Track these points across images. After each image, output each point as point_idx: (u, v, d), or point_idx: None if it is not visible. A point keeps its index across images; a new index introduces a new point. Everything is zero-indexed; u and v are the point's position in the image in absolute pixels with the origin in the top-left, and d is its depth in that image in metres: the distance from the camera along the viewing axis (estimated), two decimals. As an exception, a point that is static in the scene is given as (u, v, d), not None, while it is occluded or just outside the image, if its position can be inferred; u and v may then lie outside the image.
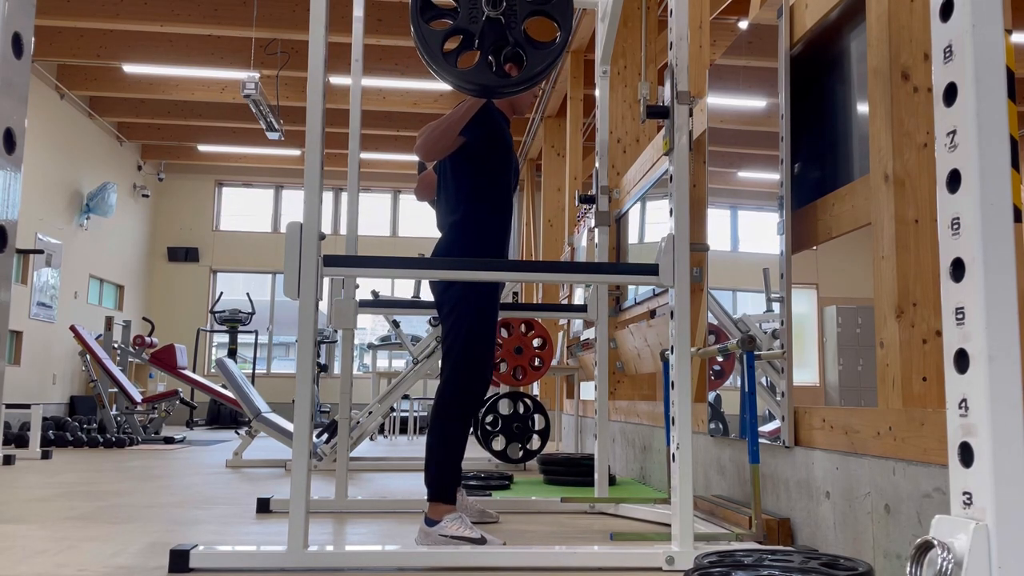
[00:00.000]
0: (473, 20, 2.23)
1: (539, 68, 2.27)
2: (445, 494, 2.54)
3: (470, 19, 2.23)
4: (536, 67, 2.27)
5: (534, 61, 2.27)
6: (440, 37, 2.23)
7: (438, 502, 2.53)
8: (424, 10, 2.23)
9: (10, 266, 1.06)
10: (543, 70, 2.27)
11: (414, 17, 2.22)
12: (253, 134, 11.44)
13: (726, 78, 3.45)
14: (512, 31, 2.24)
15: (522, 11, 2.26)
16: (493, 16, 2.22)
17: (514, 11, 2.25)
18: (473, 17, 2.23)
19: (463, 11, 2.24)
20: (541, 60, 2.27)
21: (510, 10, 2.24)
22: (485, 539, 2.42)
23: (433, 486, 2.55)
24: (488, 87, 2.29)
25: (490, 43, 2.24)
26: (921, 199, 2.05)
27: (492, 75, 2.28)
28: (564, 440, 6.98)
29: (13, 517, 3.01)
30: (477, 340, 2.63)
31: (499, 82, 2.30)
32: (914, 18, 2.12)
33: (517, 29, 2.25)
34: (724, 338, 3.17)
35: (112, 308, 11.89)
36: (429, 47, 2.21)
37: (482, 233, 2.71)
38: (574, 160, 7.95)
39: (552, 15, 2.29)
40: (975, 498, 1.10)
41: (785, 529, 2.44)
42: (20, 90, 1.07)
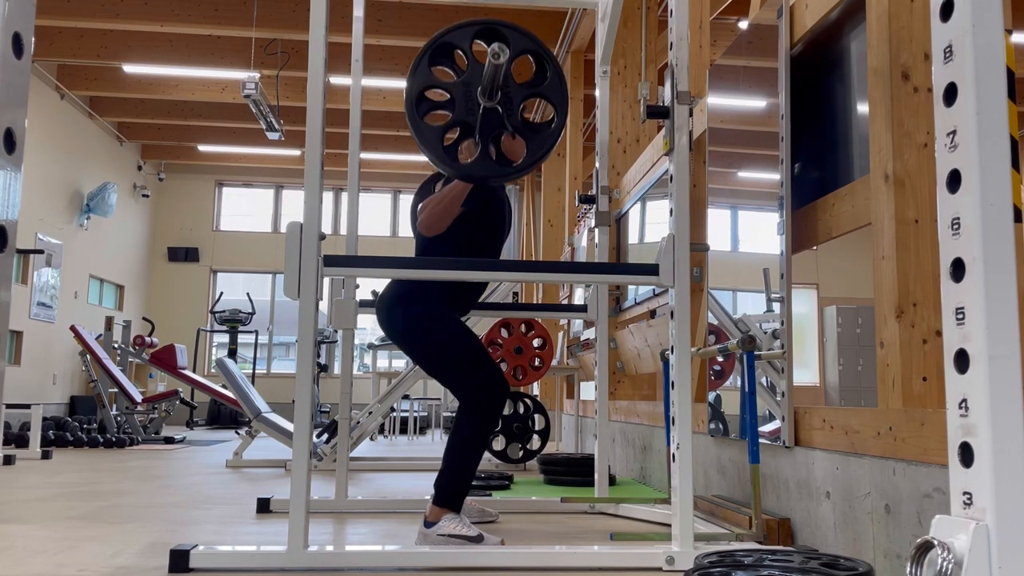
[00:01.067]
0: (470, 112, 2.22)
1: (540, 153, 2.27)
2: (453, 502, 2.53)
3: (467, 111, 2.23)
4: (537, 152, 2.27)
5: (535, 146, 2.27)
6: (439, 133, 2.22)
7: (444, 508, 2.52)
8: (419, 104, 2.22)
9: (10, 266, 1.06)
10: (544, 154, 2.27)
11: (410, 113, 2.21)
12: (253, 134, 11.44)
13: (726, 78, 3.45)
14: (510, 118, 2.24)
15: (517, 97, 2.26)
16: (489, 107, 2.22)
17: (510, 99, 2.25)
18: (470, 109, 2.23)
19: (459, 104, 2.23)
20: (541, 145, 2.27)
21: (506, 98, 2.24)
22: (483, 537, 2.42)
23: (444, 492, 2.54)
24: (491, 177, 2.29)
25: (488, 133, 2.23)
26: (921, 199, 2.05)
27: (493, 165, 2.27)
28: (564, 440, 6.98)
29: (13, 517, 3.01)
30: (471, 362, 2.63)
31: (501, 171, 2.28)
32: (914, 18, 2.12)
33: (514, 116, 2.25)
34: (724, 338, 3.17)
35: (112, 308, 11.89)
36: (429, 143, 2.21)
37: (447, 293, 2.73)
38: (574, 160, 7.95)
39: (548, 97, 2.29)
40: (975, 498, 1.10)
41: (785, 529, 2.44)
42: (20, 90, 1.07)
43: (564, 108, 2.28)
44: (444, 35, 2.25)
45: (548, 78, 2.30)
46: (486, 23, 2.28)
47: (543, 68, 2.31)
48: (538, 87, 2.31)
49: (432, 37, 2.26)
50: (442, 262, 2.47)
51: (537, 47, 2.30)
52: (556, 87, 2.29)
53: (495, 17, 2.36)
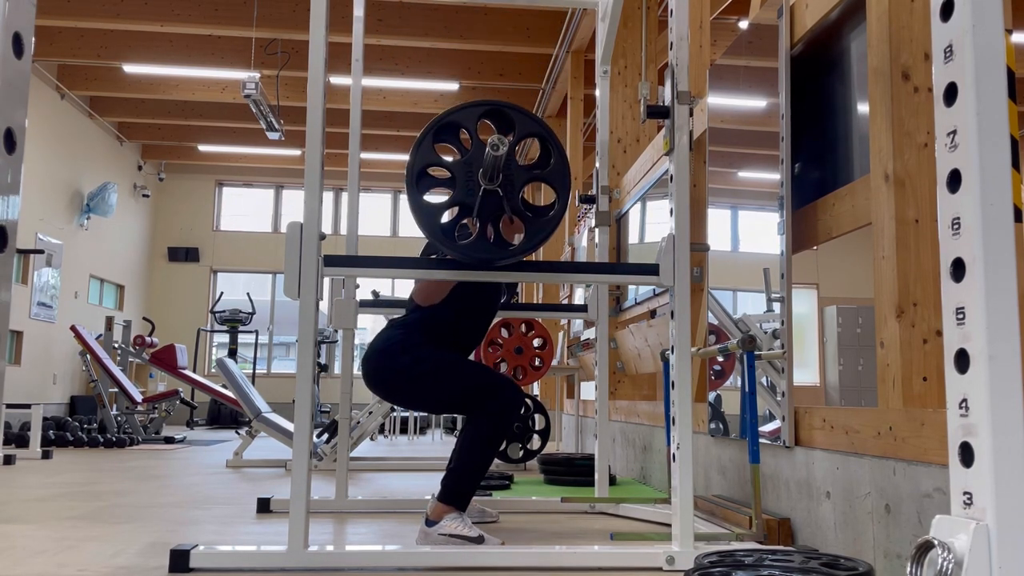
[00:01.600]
0: (470, 193, 2.20)
1: (539, 238, 2.25)
2: (459, 502, 2.53)
3: (467, 192, 2.20)
4: (536, 237, 2.24)
5: (533, 231, 2.24)
6: (438, 212, 2.20)
7: (448, 505, 2.52)
8: (420, 180, 2.20)
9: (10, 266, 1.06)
10: (541, 240, 2.25)
11: (410, 190, 2.20)
12: (253, 134, 11.44)
13: (726, 78, 3.45)
14: (510, 201, 2.22)
15: (519, 181, 2.24)
16: (490, 189, 2.19)
17: (511, 182, 2.22)
18: (470, 189, 2.20)
19: (459, 183, 2.21)
20: (540, 229, 2.25)
21: (507, 181, 2.21)
22: (484, 538, 2.42)
23: (451, 490, 2.53)
24: (487, 260, 2.26)
25: (488, 215, 2.22)
26: (921, 199, 2.05)
27: (490, 247, 2.24)
28: (564, 440, 6.97)
29: (13, 517, 3.01)
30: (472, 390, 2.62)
31: (498, 255, 2.25)
32: (914, 18, 2.12)
33: (515, 199, 2.23)
34: (724, 338, 3.17)
35: (112, 308, 11.89)
36: (427, 222, 2.19)
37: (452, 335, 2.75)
38: (574, 160, 7.94)
39: (549, 182, 2.26)
40: (975, 498, 1.10)
41: (785, 529, 2.44)
42: (20, 90, 1.07)
43: (566, 194, 2.25)
44: (450, 114, 2.23)
45: (552, 163, 2.26)
46: (493, 105, 2.27)
47: (547, 152, 2.27)
48: (541, 170, 2.28)
49: (438, 116, 2.24)
50: (443, 262, 2.46)
51: (542, 131, 2.28)
52: (559, 172, 2.26)
53: (496, 17, 2.35)
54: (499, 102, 2.28)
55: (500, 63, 8.96)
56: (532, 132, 2.28)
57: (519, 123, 2.25)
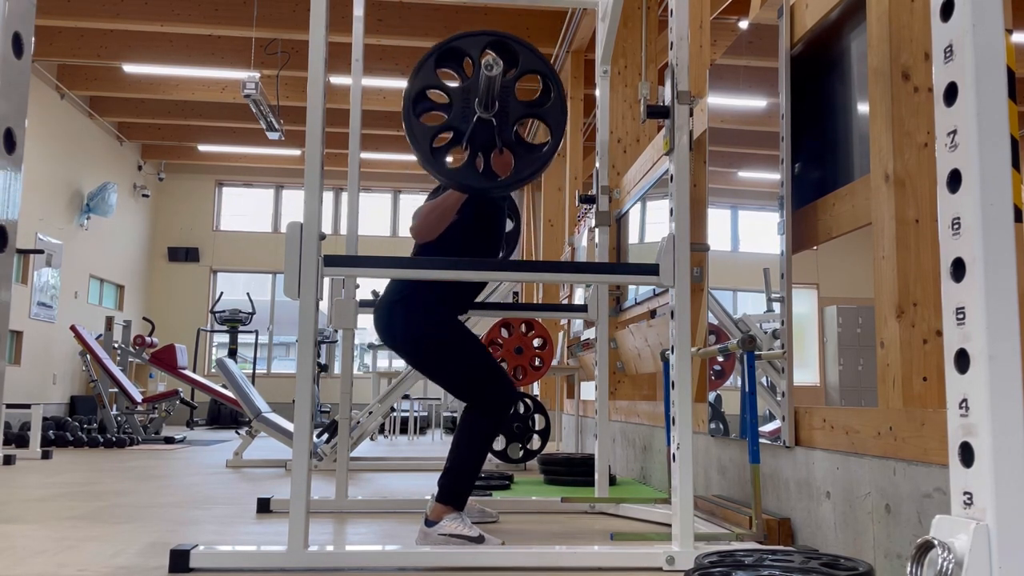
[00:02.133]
0: (465, 119, 2.21)
1: (528, 172, 2.25)
2: (457, 501, 2.53)
3: (462, 118, 2.22)
4: (525, 171, 2.25)
5: (523, 165, 2.25)
6: (430, 133, 2.21)
7: (447, 505, 2.52)
8: (417, 102, 2.21)
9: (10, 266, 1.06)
10: (532, 174, 2.26)
11: (406, 110, 2.20)
12: (253, 134, 11.44)
13: (726, 78, 3.45)
14: (502, 133, 2.23)
15: (515, 113, 2.25)
16: (485, 118, 2.21)
17: (507, 113, 2.23)
18: (465, 116, 2.22)
19: (456, 109, 2.22)
20: (530, 165, 2.25)
21: (503, 112, 2.22)
22: (484, 538, 2.42)
23: (447, 490, 2.54)
24: (476, 189, 2.27)
25: (479, 144, 2.23)
26: (921, 199, 2.05)
27: (479, 177, 2.25)
28: (564, 440, 6.97)
29: (13, 517, 3.01)
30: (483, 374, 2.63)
31: (484, 184, 2.26)
32: (914, 18, 2.12)
33: (507, 132, 2.24)
34: (724, 338, 3.17)
35: (112, 308, 11.89)
36: (419, 142, 2.20)
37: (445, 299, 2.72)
38: (574, 160, 7.95)
39: (545, 119, 2.28)
40: (975, 498, 1.10)
41: (785, 529, 2.43)
42: (20, 90, 1.07)
43: (560, 132, 2.27)
44: (456, 39, 2.25)
45: (551, 100, 2.28)
46: (500, 36, 2.27)
47: (548, 89, 2.29)
48: (538, 108, 2.29)
49: (444, 39, 2.25)
50: (442, 262, 2.47)
51: (545, 68, 2.29)
52: (557, 111, 2.27)
53: (495, 16, 2.35)
54: (505, 34, 2.28)
55: (500, 63, 8.94)
56: (534, 68, 2.28)
57: (523, 57, 2.26)
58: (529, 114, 2.29)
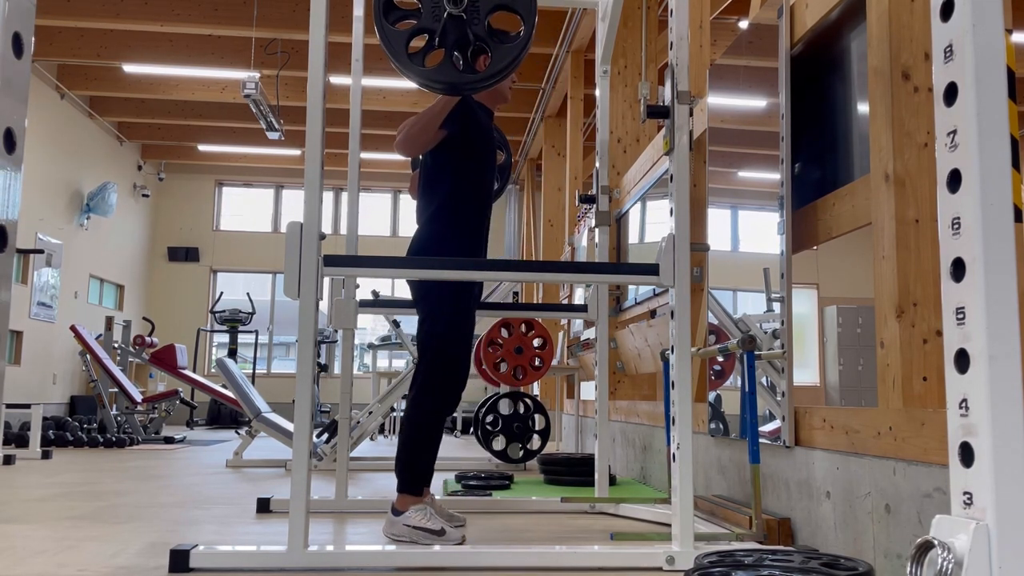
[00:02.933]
0: (436, 18, 2.21)
1: (504, 63, 2.25)
2: (413, 487, 2.58)
3: (433, 18, 2.22)
4: (501, 62, 2.25)
5: (499, 56, 2.25)
6: (404, 37, 2.22)
7: (406, 494, 2.57)
8: (387, 11, 2.22)
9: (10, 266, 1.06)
10: (508, 65, 2.25)
11: (377, 18, 2.21)
12: (253, 134, 11.44)
13: (726, 78, 3.45)
14: (474, 27, 2.22)
15: (485, 7, 2.24)
16: (455, 13, 2.21)
17: (476, 7, 2.23)
18: (436, 15, 2.21)
19: (425, 10, 2.22)
20: (506, 55, 2.25)
21: (472, 6, 2.22)
22: (445, 531, 2.48)
23: (403, 478, 2.59)
24: (454, 84, 2.27)
25: (453, 40, 2.22)
26: (921, 199, 2.05)
27: (457, 72, 2.25)
28: (564, 440, 6.97)
29: (13, 517, 3.01)
30: (453, 342, 2.65)
31: (464, 79, 2.27)
32: (914, 18, 2.12)
33: (480, 25, 2.23)
34: (724, 338, 3.17)
35: (112, 308, 11.88)
36: (393, 47, 2.21)
37: (458, 224, 2.72)
38: (574, 160, 7.94)
39: (515, 9, 2.27)
40: (975, 498, 1.10)
41: (785, 529, 2.44)
42: (20, 90, 1.07)
43: (531, 20, 2.26)
44: None
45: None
46: None
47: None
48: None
49: None
50: (442, 262, 2.46)
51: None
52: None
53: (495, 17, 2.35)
54: None
55: (500, 63, 8.94)
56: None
57: None
58: (499, 6, 2.28)
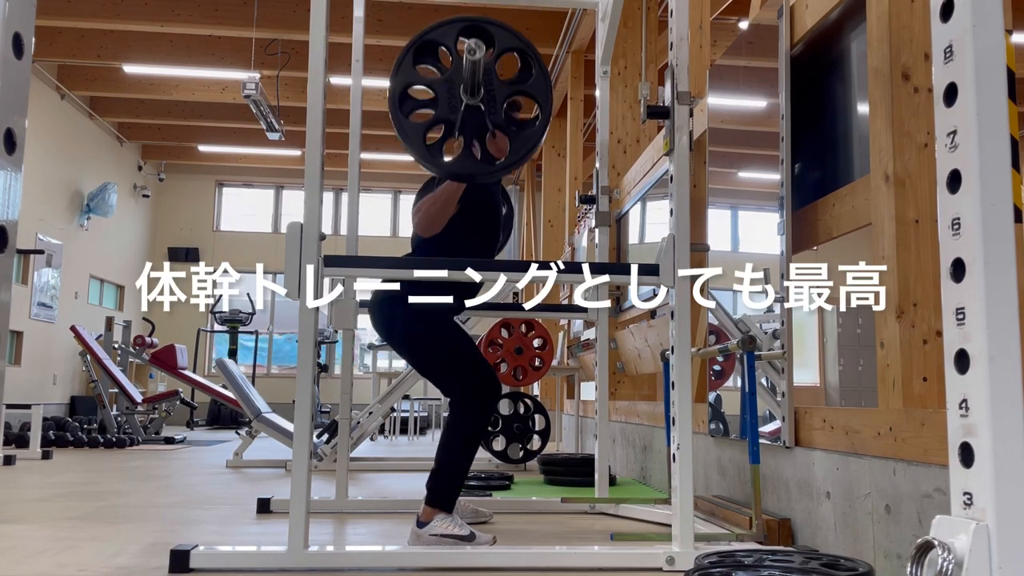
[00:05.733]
0: (452, 109, 2.20)
1: (524, 151, 2.25)
2: (445, 503, 2.52)
3: (449, 109, 2.20)
4: (521, 150, 2.24)
5: (518, 144, 2.24)
6: (422, 130, 2.21)
7: (436, 508, 2.51)
8: (402, 102, 2.20)
9: (10, 266, 1.07)
10: (528, 151, 2.25)
11: (393, 111, 2.19)
12: (253, 134, 11.43)
13: (726, 78, 3.45)
14: (492, 116, 2.21)
15: (501, 95, 2.24)
16: (473, 104, 2.19)
17: (493, 96, 2.22)
18: (452, 106, 2.20)
19: (442, 101, 2.20)
20: (524, 143, 2.25)
21: (489, 95, 2.21)
22: (475, 535, 2.42)
23: (436, 492, 2.53)
24: (475, 176, 2.27)
25: (471, 131, 2.22)
26: (921, 199, 2.05)
27: (477, 164, 2.25)
28: (564, 440, 6.97)
29: (13, 517, 3.01)
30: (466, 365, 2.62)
31: (483, 170, 2.26)
32: (914, 18, 2.12)
33: (497, 114, 2.22)
34: (724, 338, 3.17)
35: (112, 308, 11.88)
36: (412, 141, 2.19)
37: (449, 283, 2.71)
38: (574, 160, 7.94)
39: (532, 95, 2.26)
40: (976, 498, 1.10)
41: (785, 529, 2.43)
42: (20, 90, 1.07)
43: (548, 106, 2.26)
44: (428, 32, 2.23)
45: (533, 75, 2.27)
46: (471, 20, 2.26)
47: (528, 65, 2.28)
48: (522, 84, 2.28)
49: (416, 34, 2.23)
50: (442, 262, 2.46)
51: (522, 44, 2.28)
52: (541, 84, 2.26)
53: (495, 17, 2.35)
54: (478, 18, 2.28)
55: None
56: (512, 47, 2.27)
57: (499, 38, 2.25)
58: (515, 92, 2.28)
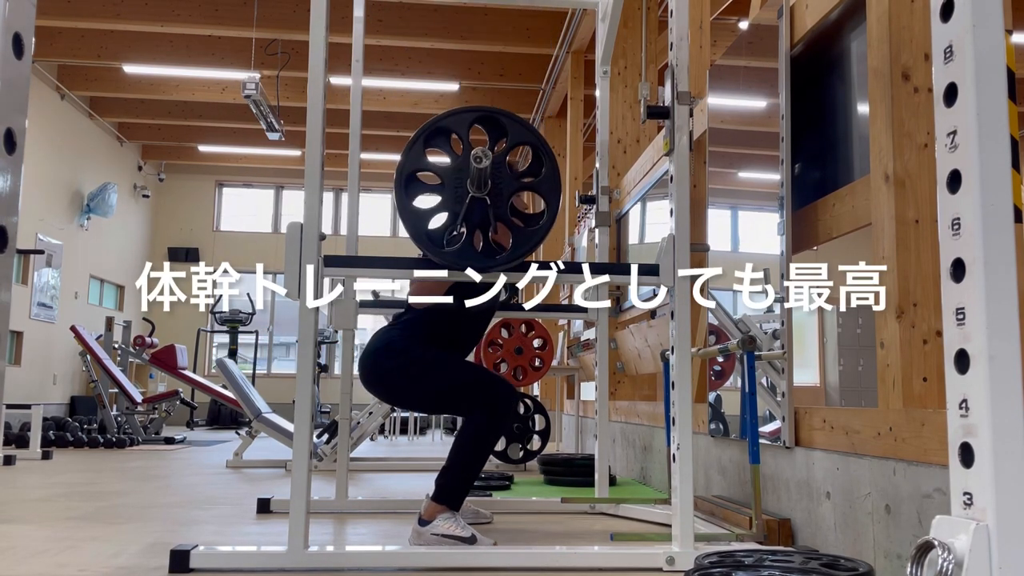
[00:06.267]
0: (458, 200, 2.18)
1: (526, 247, 2.23)
2: (452, 501, 2.52)
3: (455, 199, 2.19)
4: (523, 246, 2.22)
5: (521, 240, 2.22)
6: (426, 217, 2.20)
7: (441, 505, 2.51)
8: (409, 185, 2.19)
9: (11, 266, 1.06)
10: (531, 248, 2.24)
11: (399, 192, 2.18)
12: (253, 134, 11.42)
13: (726, 78, 3.45)
14: (497, 209, 2.20)
15: (508, 189, 2.22)
16: (479, 196, 2.18)
17: (500, 189, 2.20)
18: (458, 196, 2.19)
19: (448, 190, 2.19)
20: (529, 239, 2.23)
21: (496, 189, 2.20)
22: (476, 538, 2.42)
23: (445, 490, 2.53)
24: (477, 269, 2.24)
25: (475, 224, 2.20)
26: (921, 199, 2.05)
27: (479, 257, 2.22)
28: (564, 440, 6.97)
29: (13, 517, 3.01)
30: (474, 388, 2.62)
31: (483, 263, 2.23)
32: (915, 18, 2.12)
33: (502, 208, 2.21)
34: (724, 338, 3.17)
35: (112, 308, 11.88)
36: (415, 226, 2.18)
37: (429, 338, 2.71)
38: (574, 160, 7.94)
39: (539, 191, 2.25)
40: (976, 498, 1.10)
41: (785, 529, 2.43)
42: (20, 90, 1.07)
43: (555, 204, 2.24)
44: (443, 119, 2.22)
45: (544, 172, 2.25)
46: (486, 111, 2.26)
47: (539, 161, 2.26)
48: (531, 179, 2.26)
49: (430, 120, 2.22)
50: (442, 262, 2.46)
51: (534, 139, 2.27)
52: (550, 181, 2.24)
53: (496, 18, 2.35)
54: (492, 109, 2.28)
55: (500, 63, 8.96)
56: (524, 140, 2.26)
57: (511, 131, 2.24)
58: (523, 187, 2.27)
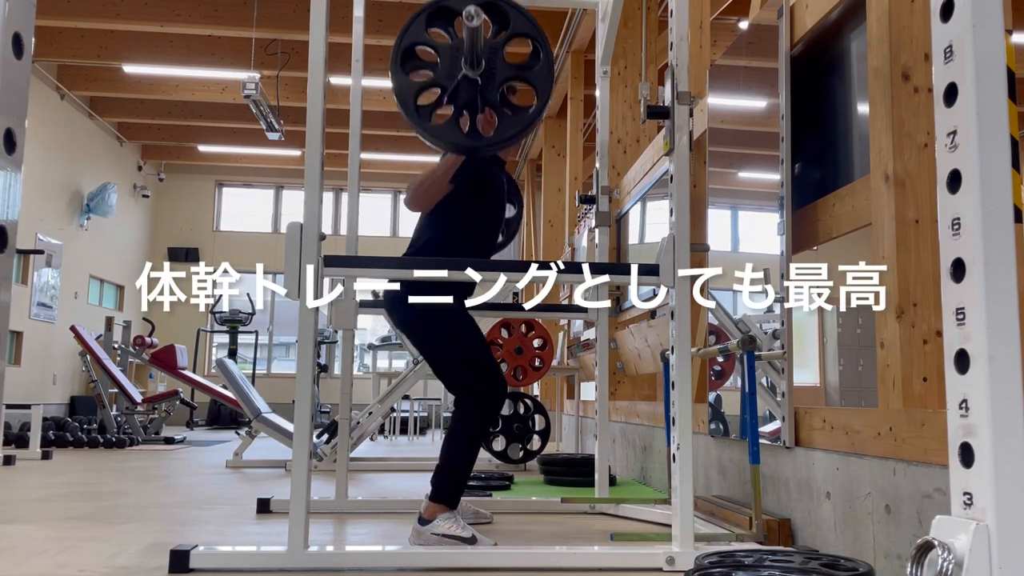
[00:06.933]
0: (451, 77, 2.19)
1: (510, 133, 2.23)
2: (450, 499, 2.53)
3: (448, 75, 2.19)
4: (508, 131, 2.23)
5: (506, 125, 2.23)
6: (415, 89, 2.20)
7: (440, 504, 2.52)
8: (404, 60, 2.19)
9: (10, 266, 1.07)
10: (515, 135, 2.24)
11: (393, 65, 2.18)
12: (253, 134, 11.42)
13: (726, 78, 3.45)
14: (487, 93, 2.20)
15: (501, 74, 2.22)
16: (471, 76, 2.18)
17: (493, 73, 2.21)
18: (451, 74, 2.19)
19: (442, 66, 2.20)
20: (514, 125, 2.23)
21: (489, 72, 2.20)
22: (476, 538, 2.42)
23: (440, 489, 2.53)
24: (457, 146, 2.25)
25: (463, 102, 2.20)
26: (921, 199, 2.05)
27: (461, 135, 2.22)
28: (564, 440, 6.97)
29: (13, 517, 3.01)
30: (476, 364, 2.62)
31: (468, 142, 2.23)
32: (915, 18, 2.12)
33: (492, 92, 2.21)
34: (724, 338, 3.17)
35: (112, 308, 11.88)
36: (403, 97, 2.18)
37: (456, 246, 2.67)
38: (574, 160, 7.94)
39: (532, 82, 2.25)
40: (976, 498, 1.10)
41: (785, 529, 2.43)
42: (20, 90, 1.07)
43: (546, 96, 2.24)
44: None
45: (539, 64, 2.25)
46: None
47: (536, 54, 2.26)
48: (526, 70, 2.26)
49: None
50: (442, 262, 2.46)
51: (535, 31, 2.25)
52: (543, 75, 2.24)
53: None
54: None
55: (500, 63, 8.94)
56: (525, 31, 2.25)
57: (514, 20, 2.23)
58: (515, 76, 2.26)
